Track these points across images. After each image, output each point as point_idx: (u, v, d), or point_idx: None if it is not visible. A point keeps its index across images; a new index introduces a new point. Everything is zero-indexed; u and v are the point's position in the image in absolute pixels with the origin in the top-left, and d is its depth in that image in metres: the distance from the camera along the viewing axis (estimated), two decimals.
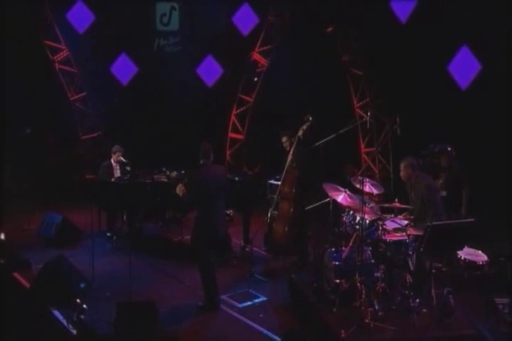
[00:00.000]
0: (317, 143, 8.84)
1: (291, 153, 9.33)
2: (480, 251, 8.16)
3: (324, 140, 8.70)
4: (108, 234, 10.69)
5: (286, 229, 9.36)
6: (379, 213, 7.78)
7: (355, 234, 7.55)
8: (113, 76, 14.19)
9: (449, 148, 9.08)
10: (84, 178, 14.01)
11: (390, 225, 7.69)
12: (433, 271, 7.37)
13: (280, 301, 8.43)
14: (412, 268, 7.40)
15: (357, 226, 7.59)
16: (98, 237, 10.74)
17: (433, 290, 7.23)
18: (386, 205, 7.74)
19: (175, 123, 14.00)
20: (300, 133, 9.20)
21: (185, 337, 7.46)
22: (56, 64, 14.19)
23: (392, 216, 7.74)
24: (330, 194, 7.97)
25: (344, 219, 7.92)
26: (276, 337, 7.35)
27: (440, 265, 7.87)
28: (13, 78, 12.58)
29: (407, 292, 7.22)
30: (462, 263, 7.99)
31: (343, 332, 6.75)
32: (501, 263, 8.20)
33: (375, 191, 8.11)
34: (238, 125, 14.98)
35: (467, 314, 7.20)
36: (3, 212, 11.06)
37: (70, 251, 9.85)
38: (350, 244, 7.54)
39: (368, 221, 7.70)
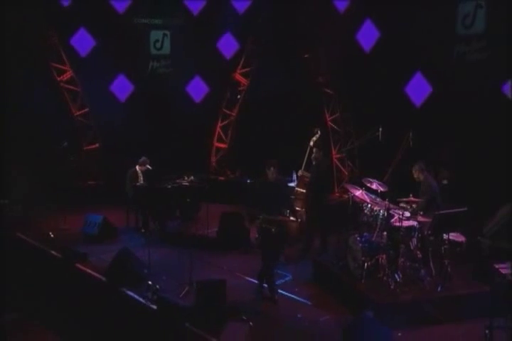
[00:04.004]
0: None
1: (304, 163, 11.40)
2: (459, 233, 9.86)
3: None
4: (143, 231, 11.97)
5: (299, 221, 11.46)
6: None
7: (379, 222, 9.52)
8: (112, 94, 15.46)
9: None
10: (88, 184, 15.58)
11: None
12: (430, 248, 9.31)
13: (304, 278, 10.20)
14: (412, 247, 9.26)
15: (380, 216, 9.52)
16: (130, 233, 12.44)
17: (431, 264, 9.19)
18: (404, 199, 9.56)
19: (166, 135, 15.39)
20: (311, 143, 11.39)
21: (246, 308, 8.90)
22: (61, 83, 15.39)
23: (409, 207, 9.61)
24: (351, 191, 10.06)
25: (365, 211, 9.82)
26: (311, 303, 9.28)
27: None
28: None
29: (417, 265, 9.17)
30: (446, 242, 9.24)
31: (374, 297, 8.65)
32: (477, 241, 10.05)
33: (381, 189, 9.84)
34: (223, 135, 16.61)
35: (460, 279, 9.14)
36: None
37: (111, 246, 11.24)
38: (377, 229, 9.52)
39: (384, 211, 9.51)
